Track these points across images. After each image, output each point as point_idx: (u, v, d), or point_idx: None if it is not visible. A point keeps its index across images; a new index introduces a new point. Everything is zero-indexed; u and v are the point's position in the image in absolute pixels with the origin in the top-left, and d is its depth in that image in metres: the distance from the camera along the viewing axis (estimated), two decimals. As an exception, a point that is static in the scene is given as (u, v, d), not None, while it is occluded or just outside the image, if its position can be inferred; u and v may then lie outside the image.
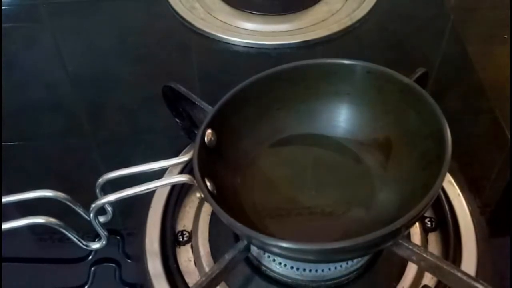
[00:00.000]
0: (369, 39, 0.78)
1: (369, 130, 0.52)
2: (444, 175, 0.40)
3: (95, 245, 0.51)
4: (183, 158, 0.49)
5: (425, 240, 0.52)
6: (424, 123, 0.46)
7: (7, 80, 0.70)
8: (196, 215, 0.55)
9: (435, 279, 0.48)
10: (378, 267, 0.49)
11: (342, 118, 0.53)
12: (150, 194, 0.54)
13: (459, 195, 0.54)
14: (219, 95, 0.50)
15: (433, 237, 0.53)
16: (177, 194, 0.55)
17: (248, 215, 0.48)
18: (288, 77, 0.52)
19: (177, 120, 0.58)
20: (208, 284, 0.42)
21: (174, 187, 0.55)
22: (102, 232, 0.49)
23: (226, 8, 0.82)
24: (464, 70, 0.72)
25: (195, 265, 0.51)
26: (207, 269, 0.49)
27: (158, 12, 0.82)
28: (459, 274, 0.39)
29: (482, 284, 0.38)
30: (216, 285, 0.44)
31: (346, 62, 0.51)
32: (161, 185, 0.48)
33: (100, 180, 0.48)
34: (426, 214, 0.53)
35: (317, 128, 0.54)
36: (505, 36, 0.75)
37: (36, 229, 0.52)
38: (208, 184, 0.45)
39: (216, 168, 0.48)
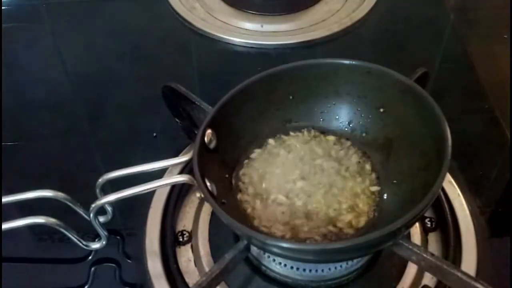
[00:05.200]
0: (369, 39, 0.78)
1: (369, 130, 0.52)
2: (444, 175, 0.40)
3: (95, 245, 0.51)
4: (183, 158, 0.49)
5: (425, 240, 0.52)
6: (424, 123, 0.46)
7: (7, 80, 0.70)
8: (196, 215, 0.55)
9: (435, 279, 0.48)
10: (378, 267, 0.49)
11: (342, 118, 0.53)
12: (150, 194, 0.54)
13: (459, 195, 0.54)
14: (219, 95, 0.50)
15: (433, 237, 0.53)
16: (177, 194, 0.55)
17: (248, 215, 0.48)
18: (288, 77, 0.52)
19: (177, 120, 0.58)
20: (208, 284, 0.42)
21: (174, 187, 0.55)
22: (102, 232, 0.49)
23: (226, 8, 0.82)
24: (464, 70, 0.72)
25: (195, 265, 0.51)
26: (207, 269, 0.49)
27: (158, 12, 0.82)
28: (459, 274, 0.39)
29: (482, 284, 0.38)
30: (216, 285, 0.44)
31: (346, 62, 0.51)
32: (161, 185, 0.48)
33: (100, 180, 0.48)
34: (426, 214, 0.53)
35: (316, 128, 0.54)
36: (505, 36, 0.75)
37: (36, 229, 0.52)
38: (208, 184, 0.45)
39: (216, 168, 0.48)
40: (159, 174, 0.51)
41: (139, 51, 0.76)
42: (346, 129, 0.53)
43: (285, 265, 0.47)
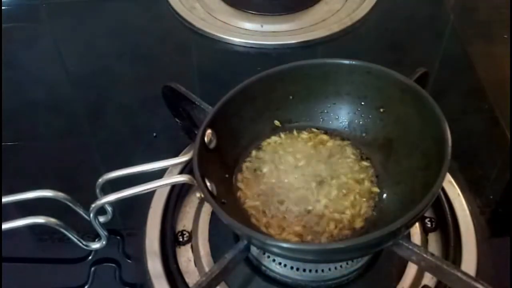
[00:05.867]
0: (369, 39, 0.78)
1: (369, 130, 0.52)
2: (444, 175, 0.40)
3: (95, 245, 0.51)
4: (183, 158, 0.49)
5: (425, 240, 0.52)
6: (424, 123, 0.46)
7: (7, 80, 0.70)
8: (196, 215, 0.55)
9: (435, 279, 0.48)
10: (378, 267, 0.49)
11: (342, 118, 0.53)
12: (150, 194, 0.54)
13: (459, 195, 0.54)
14: (219, 95, 0.50)
15: (433, 237, 0.53)
16: (177, 194, 0.55)
17: (248, 215, 0.48)
18: (288, 77, 0.52)
19: (177, 120, 0.58)
20: (208, 284, 0.42)
21: (174, 187, 0.55)
22: (102, 232, 0.49)
23: (226, 8, 0.82)
24: (464, 70, 0.72)
25: (195, 265, 0.51)
26: (207, 269, 0.49)
27: (158, 12, 0.82)
28: (459, 274, 0.39)
29: (482, 284, 0.38)
30: (216, 285, 0.44)
31: (346, 62, 0.51)
32: (161, 185, 0.48)
33: (100, 180, 0.48)
34: (426, 214, 0.53)
35: (317, 128, 0.54)
36: (505, 36, 0.75)
37: (36, 229, 0.52)
38: (208, 184, 0.45)
39: (216, 168, 0.48)
40: (159, 174, 0.51)
41: (139, 51, 0.76)
42: (346, 129, 0.53)
43: (285, 265, 0.47)
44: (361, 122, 0.53)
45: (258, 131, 0.53)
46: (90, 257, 0.52)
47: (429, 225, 0.53)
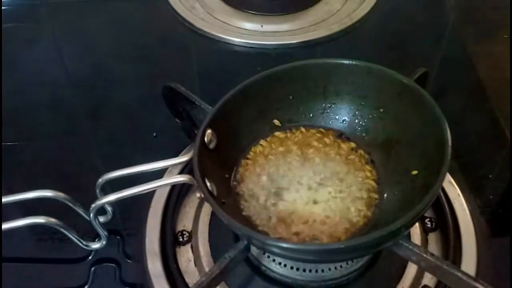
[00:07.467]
0: (369, 39, 0.78)
1: (369, 130, 0.52)
2: (444, 175, 0.40)
3: (95, 245, 0.51)
4: (183, 158, 0.49)
5: (425, 240, 0.52)
6: (424, 123, 0.46)
7: (7, 80, 0.70)
8: (196, 215, 0.55)
9: (435, 279, 0.48)
10: (378, 267, 0.49)
11: (342, 118, 0.53)
12: (150, 194, 0.54)
13: (459, 195, 0.54)
14: (219, 95, 0.50)
15: (433, 237, 0.53)
16: (177, 194, 0.55)
17: (247, 215, 0.48)
18: (288, 77, 0.52)
19: (177, 120, 0.58)
20: (208, 284, 0.42)
21: (174, 187, 0.55)
22: (102, 232, 0.49)
23: (226, 8, 0.82)
24: (464, 70, 0.72)
25: (195, 265, 0.51)
26: (207, 269, 0.49)
27: (158, 12, 0.82)
28: (459, 274, 0.39)
29: (482, 284, 0.38)
30: (216, 285, 0.44)
31: (346, 62, 0.51)
32: (161, 185, 0.48)
33: (100, 180, 0.48)
34: (426, 214, 0.53)
35: (316, 128, 0.54)
36: (505, 36, 0.75)
37: (36, 229, 0.52)
38: (208, 184, 0.45)
39: (216, 168, 0.48)
40: (159, 174, 0.51)
41: (139, 51, 0.76)
42: (346, 129, 0.53)
43: (285, 265, 0.47)
44: (361, 122, 0.53)
45: (258, 131, 0.53)
46: (90, 257, 0.52)
47: (429, 225, 0.53)
